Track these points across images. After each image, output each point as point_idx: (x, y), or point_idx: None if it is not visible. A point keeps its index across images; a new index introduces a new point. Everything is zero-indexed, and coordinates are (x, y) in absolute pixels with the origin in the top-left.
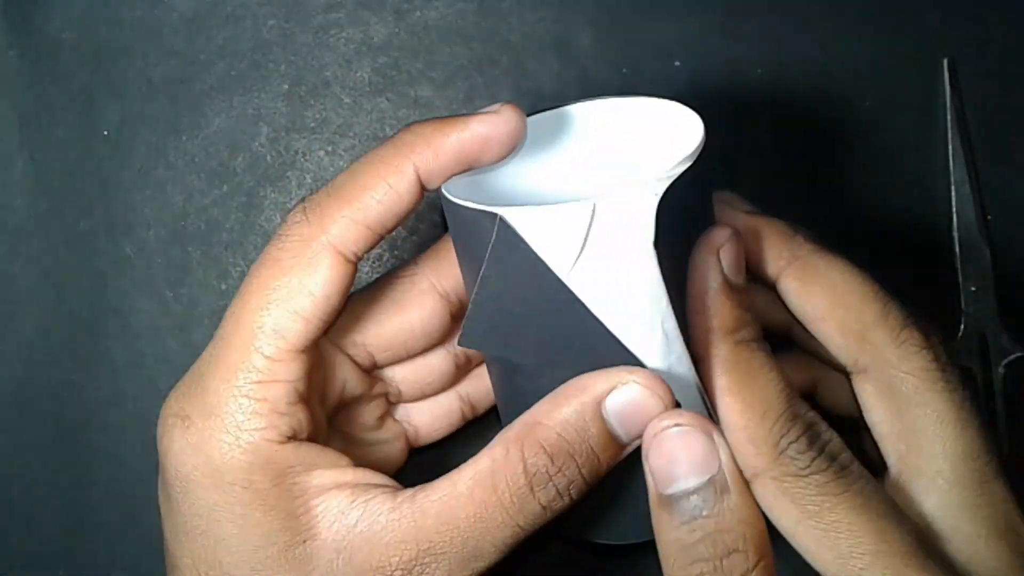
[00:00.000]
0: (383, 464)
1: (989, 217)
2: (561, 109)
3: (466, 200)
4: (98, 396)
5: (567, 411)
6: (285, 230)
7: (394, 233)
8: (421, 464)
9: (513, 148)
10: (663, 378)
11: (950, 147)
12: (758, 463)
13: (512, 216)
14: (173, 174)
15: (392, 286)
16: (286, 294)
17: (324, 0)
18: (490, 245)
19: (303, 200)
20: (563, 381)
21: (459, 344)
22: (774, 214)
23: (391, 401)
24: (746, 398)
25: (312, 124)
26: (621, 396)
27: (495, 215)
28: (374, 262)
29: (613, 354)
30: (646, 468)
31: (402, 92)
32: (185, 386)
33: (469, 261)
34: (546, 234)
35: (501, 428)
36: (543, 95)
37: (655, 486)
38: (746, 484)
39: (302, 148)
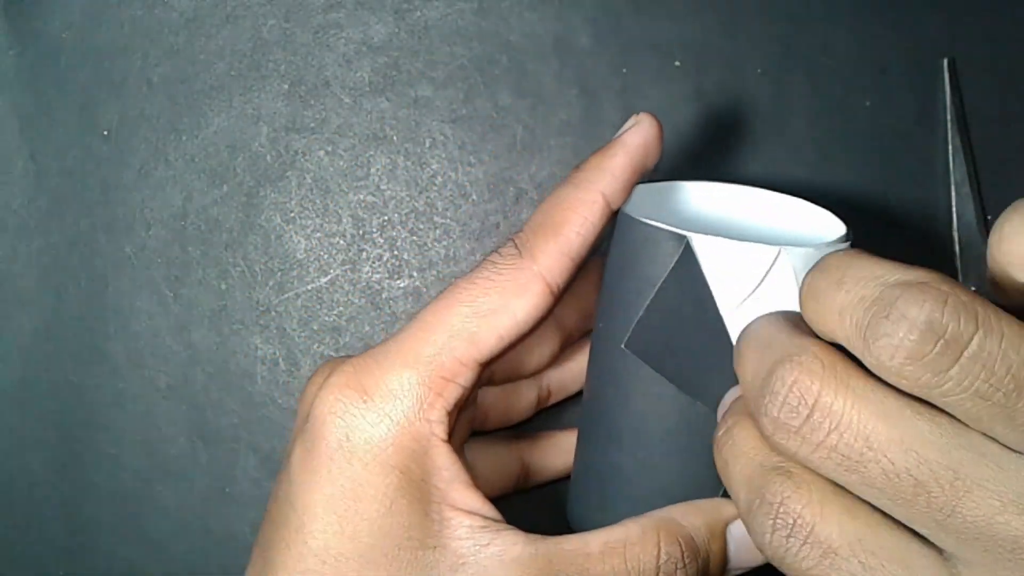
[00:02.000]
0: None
1: (989, 217)
2: (697, 183)
3: (651, 219)
4: (98, 396)
5: (702, 520)
6: (498, 259)
7: (395, 233)
8: None
9: (662, 147)
10: None
11: (950, 147)
12: None
13: (698, 241)
14: (173, 174)
15: None
16: (491, 310)
17: (324, 0)
18: (671, 265)
19: (511, 238)
20: (690, 421)
21: (625, 346)
22: None
23: (473, 427)
24: None
25: (312, 124)
26: (743, 528)
27: (683, 236)
28: (374, 262)
29: None
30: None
31: (402, 92)
32: (363, 363)
33: (635, 277)
34: (724, 268)
35: (583, 428)
36: (543, 95)
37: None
38: None
39: (302, 148)
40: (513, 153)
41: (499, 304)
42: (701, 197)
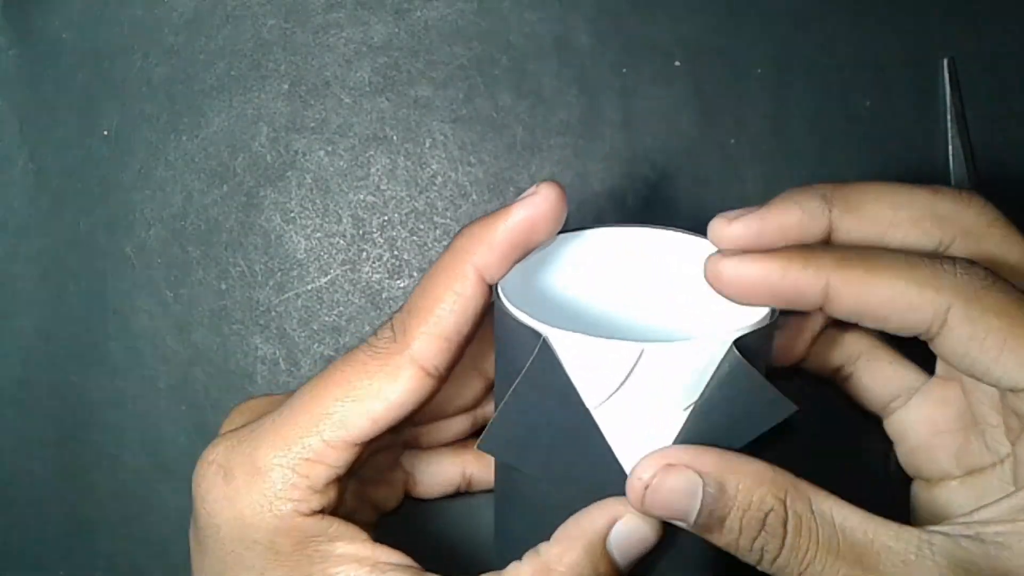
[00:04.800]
0: (381, 503)
1: None
2: (628, 229)
3: (516, 308)
4: (98, 396)
5: (576, 556)
6: (375, 341)
7: (395, 233)
8: (411, 513)
9: (559, 223)
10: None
11: (950, 147)
12: None
13: (556, 339)
14: (173, 174)
15: None
16: (363, 394)
17: (324, 0)
18: (528, 362)
19: (391, 318)
20: (567, 499)
21: (478, 447)
22: None
23: (404, 446)
24: None
25: (312, 124)
26: (622, 530)
27: (539, 334)
28: (374, 262)
29: (621, 491)
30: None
31: (402, 92)
32: (236, 441)
33: (505, 365)
34: (586, 364)
35: (495, 520)
36: (543, 95)
37: (684, 525)
38: (731, 460)
39: (302, 148)
40: (513, 153)
41: (371, 388)
42: (635, 244)
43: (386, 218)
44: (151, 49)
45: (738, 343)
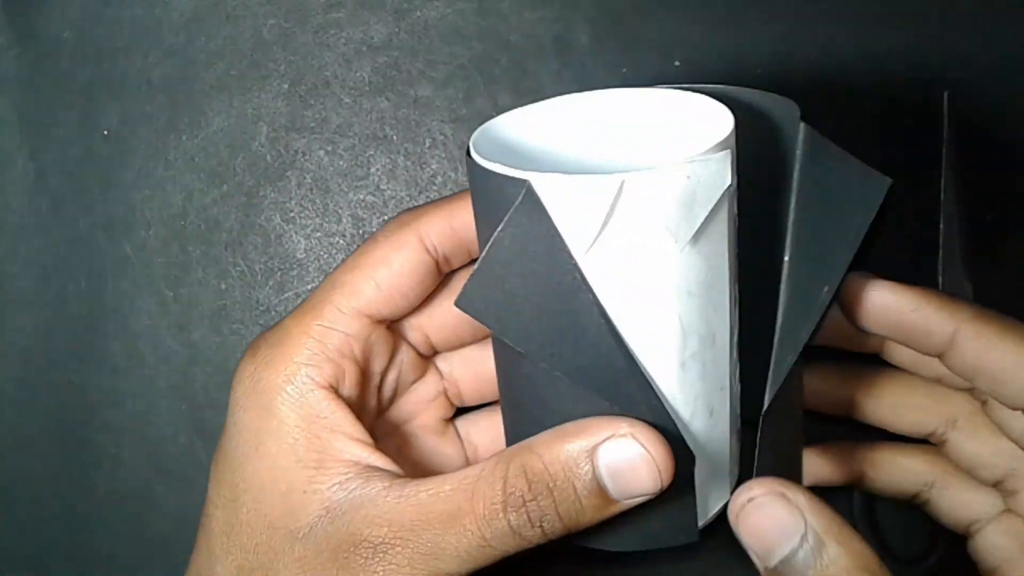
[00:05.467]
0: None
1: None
2: (602, 92)
3: (495, 164)
4: (98, 396)
5: (561, 448)
6: (388, 224)
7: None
8: None
9: None
10: (663, 431)
11: (943, 179)
12: None
13: (538, 182)
14: (173, 174)
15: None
16: (370, 263)
17: (324, 0)
18: (511, 211)
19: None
20: (559, 385)
21: (456, 304)
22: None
23: (452, 402)
24: None
25: (312, 124)
26: (615, 450)
27: (524, 180)
28: None
29: (614, 359)
30: (746, 548)
31: (402, 92)
32: (270, 328)
33: (487, 228)
34: (569, 206)
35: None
36: (543, 95)
37: (759, 564)
38: (843, 527)
39: (302, 148)
40: None
41: (376, 257)
42: (597, 108)
43: (386, 218)
44: (151, 49)
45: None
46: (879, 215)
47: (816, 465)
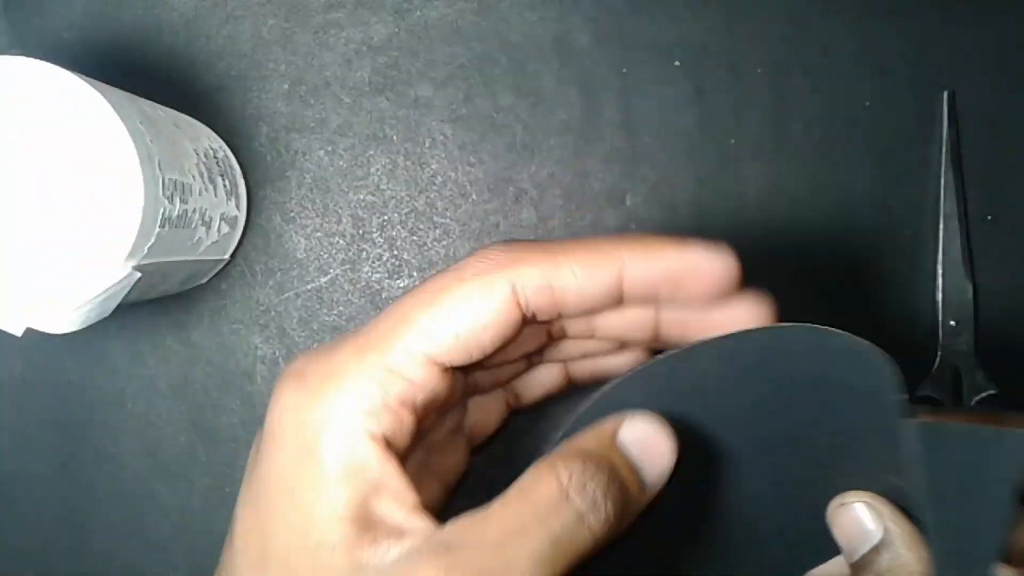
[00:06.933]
0: (445, 474)
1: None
2: None
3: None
4: (98, 396)
5: (585, 442)
6: (481, 254)
7: (394, 233)
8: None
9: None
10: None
11: (942, 181)
12: None
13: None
14: None
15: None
16: (453, 305)
17: (324, 0)
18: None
19: (508, 241)
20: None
21: None
22: (774, 215)
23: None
24: None
25: (312, 124)
26: (632, 429)
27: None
28: (374, 261)
29: None
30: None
31: (402, 92)
32: (316, 352)
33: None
34: None
35: None
36: (543, 95)
37: (845, 558)
38: (916, 537)
39: (302, 148)
40: (513, 153)
41: (463, 301)
42: None
43: (386, 218)
44: (151, 49)
45: None
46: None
47: None
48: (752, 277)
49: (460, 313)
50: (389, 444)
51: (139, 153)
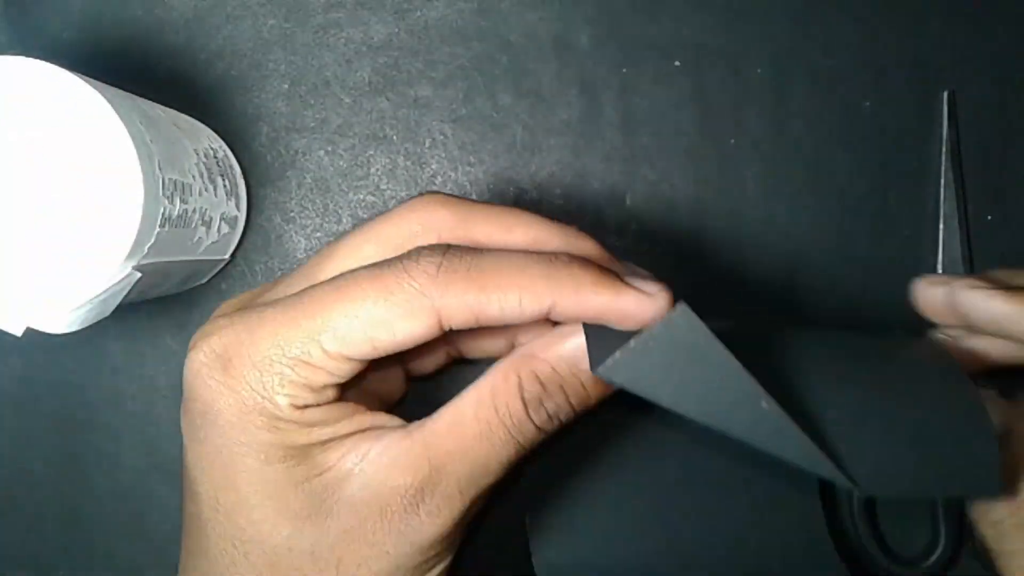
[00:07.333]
0: (384, 397)
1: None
2: None
3: None
4: (98, 396)
5: (561, 348)
6: (413, 267)
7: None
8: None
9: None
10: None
11: (942, 180)
12: None
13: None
14: None
15: None
16: (372, 320)
17: (324, 0)
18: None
19: (448, 249)
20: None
21: (596, 373)
22: (773, 215)
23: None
24: None
25: (312, 124)
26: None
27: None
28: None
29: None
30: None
31: (402, 92)
32: (233, 331)
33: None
34: None
35: None
36: (543, 95)
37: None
38: None
39: (302, 148)
40: (513, 153)
41: (381, 317)
42: None
43: None
44: (151, 49)
45: None
46: None
47: None
48: (752, 276)
49: (382, 328)
50: (322, 405)
51: (139, 153)
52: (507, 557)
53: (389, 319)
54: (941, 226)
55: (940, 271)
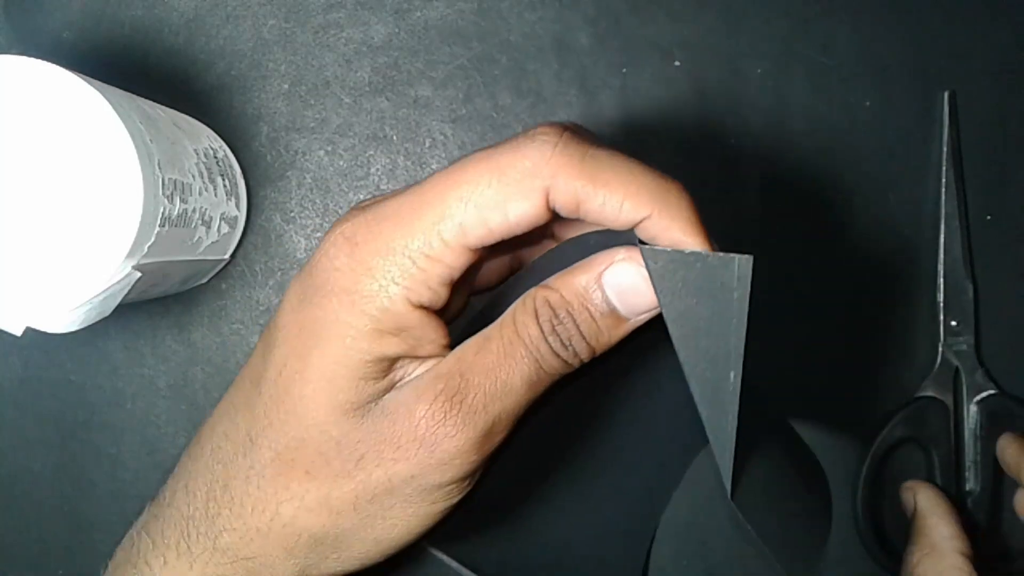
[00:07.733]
0: (452, 313)
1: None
2: None
3: None
4: (98, 396)
5: (573, 280)
6: (525, 145)
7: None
8: None
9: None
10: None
11: (943, 181)
12: None
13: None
14: None
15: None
16: (486, 203)
17: (324, 0)
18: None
19: (567, 126)
20: None
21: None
22: (773, 215)
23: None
24: None
25: (312, 124)
26: (617, 273)
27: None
28: None
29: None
30: None
31: (402, 92)
32: (364, 218)
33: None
34: None
35: None
36: (543, 95)
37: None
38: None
39: (302, 148)
40: None
41: (495, 200)
42: None
43: None
44: (151, 49)
45: None
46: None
47: None
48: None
49: (496, 210)
50: (428, 309)
51: (139, 153)
52: None
53: (501, 200)
54: (941, 226)
55: (940, 271)
